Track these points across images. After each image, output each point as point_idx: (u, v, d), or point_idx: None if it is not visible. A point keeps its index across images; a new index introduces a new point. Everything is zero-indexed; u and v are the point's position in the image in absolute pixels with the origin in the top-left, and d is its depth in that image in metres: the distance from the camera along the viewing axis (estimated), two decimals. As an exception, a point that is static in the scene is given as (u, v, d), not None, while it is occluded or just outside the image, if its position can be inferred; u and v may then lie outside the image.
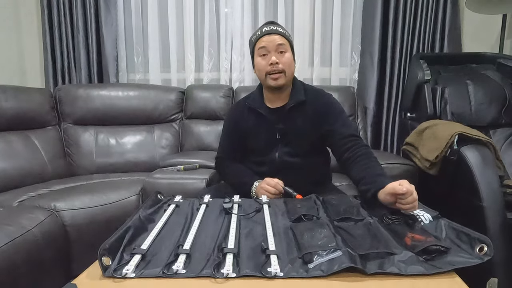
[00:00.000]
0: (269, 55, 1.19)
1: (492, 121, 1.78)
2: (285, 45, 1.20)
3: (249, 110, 1.31)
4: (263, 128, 1.27)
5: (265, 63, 1.20)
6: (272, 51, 1.19)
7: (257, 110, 1.27)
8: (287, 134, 1.25)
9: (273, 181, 1.19)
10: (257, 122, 1.28)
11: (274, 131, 1.26)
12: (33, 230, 1.20)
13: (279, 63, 1.18)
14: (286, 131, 1.25)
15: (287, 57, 1.20)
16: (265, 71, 1.20)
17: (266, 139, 1.27)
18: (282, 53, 1.20)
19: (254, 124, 1.29)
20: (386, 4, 2.16)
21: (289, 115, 1.25)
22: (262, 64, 1.21)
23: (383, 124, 2.27)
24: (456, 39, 2.15)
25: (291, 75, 1.24)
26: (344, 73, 2.37)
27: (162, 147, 2.15)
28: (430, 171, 1.48)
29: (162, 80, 2.45)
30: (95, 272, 0.71)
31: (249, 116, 1.30)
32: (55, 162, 1.96)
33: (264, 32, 1.21)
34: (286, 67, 1.20)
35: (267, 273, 0.68)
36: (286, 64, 1.20)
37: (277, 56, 1.19)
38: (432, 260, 0.71)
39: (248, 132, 1.30)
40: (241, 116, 1.33)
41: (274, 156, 1.27)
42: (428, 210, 0.95)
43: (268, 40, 1.19)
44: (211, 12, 2.34)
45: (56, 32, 2.34)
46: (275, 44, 1.18)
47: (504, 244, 1.17)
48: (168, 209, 1.03)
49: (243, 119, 1.31)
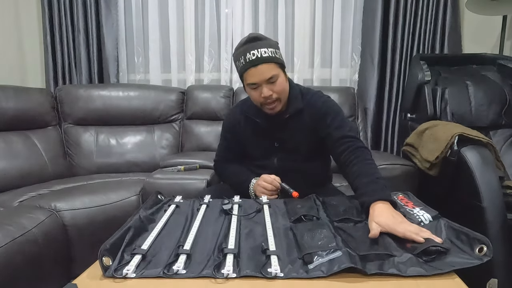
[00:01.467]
0: (260, 87, 1.13)
1: (492, 122, 1.78)
2: (275, 75, 1.12)
3: (246, 119, 1.28)
4: (260, 137, 1.26)
5: (258, 95, 1.14)
6: (263, 83, 1.12)
7: (254, 120, 1.25)
8: (285, 142, 1.24)
9: (270, 177, 1.19)
10: (255, 130, 1.26)
11: (272, 140, 1.25)
12: (33, 230, 1.20)
13: (272, 94, 1.13)
14: (284, 140, 1.24)
15: (279, 83, 1.13)
16: (259, 102, 1.17)
17: (264, 147, 1.27)
18: (273, 83, 1.12)
19: (251, 133, 1.27)
20: (386, 5, 2.16)
21: (287, 124, 1.22)
22: (255, 96, 1.16)
23: (383, 124, 2.27)
24: (456, 40, 2.16)
25: (286, 97, 1.20)
26: (345, 74, 2.37)
27: (162, 147, 2.15)
28: (430, 172, 1.48)
29: (163, 81, 2.45)
30: (96, 272, 0.71)
31: (246, 125, 1.28)
32: (56, 162, 1.96)
33: (249, 63, 1.11)
34: (280, 94, 1.15)
35: (267, 274, 0.69)
36: (280, 92, 1.14)
37: (269, 87, 1.12)
38: (432, 261, 0.71)
39: (246, 140, 1.29)
40: (238, 124, 1.30)
41: (273, 162, 1.26)
42: (428, 209, 0.95)
43: (256, 74, 1.11)
44: (211, 12, 2.34)
45: (57, 32, 2.35)
46: (265, 77, 1.11)
47: (504, 245, 1.17)
48: (168, 209, 1.03)
49: (240, 127, 1.30)
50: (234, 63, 1.20)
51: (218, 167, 1.43)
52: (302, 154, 1.25)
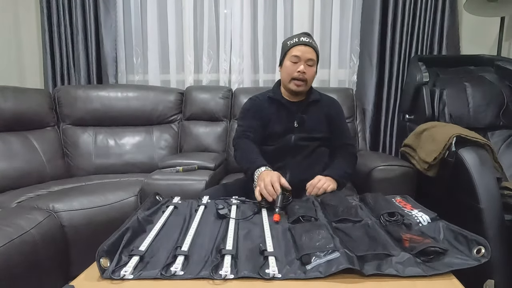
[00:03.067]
0: (299, 63, 1.35)
1: (490, 123, 1.78)
2: (314, 61, 1.38)
3: (270, 100, 1.45)
4: (282, 116, 1.42)
5: (294, 69, 1.36)
6: (303, 61, 1.35)
7: (278, 100, 1.44)
8: (304, 123, 1.41)
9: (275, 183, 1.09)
10: (278, 110, 1.43)
11: (293, 119, 1.41)
12: (31, 231, 1.20)
13: (305, 73, 1.35)
14: (304, 120, 1.41)
15: (313, 70, 1.39)
16: (291, 76, 1.37)
17: (284, 125, 1.41)
18: (310, 66, 1.37)
19: (274, 112, 1.43)
20: (384, 6, 2.17)
21: (307, 108, 1.43)
22: (291, 69, 1.37)
23: (382, 125, 2.27)
24: (454, 41, 2.16)
25: (310, 85, 1.43)
26: (343, 75, 2.37)
27: (161, 148, 2.15)
28: (428, 173, 1.48)
29: (161, 81, 2.45)
30: (93, 273, 0.71)
31: (270, 105, 1.45)
32: (54, 163, 1.96)
33: (301, 42, 1.36)
34: (309, 79, 1.38)
35: (265, 275, 0.69)
36: (310, 76, 1.38)
37: (305, 67, 1.35)
38: (430, 261, 0.72)
39: (269, 118, 1.42)
40: (262, 105, 1.46)
41: (290, 140, 1.40)
42: (427, 211, 0.95)
43: (303, 51, 1.35)
44: (210, 13, 2.34)
45: (56, 33, 2.34)
46: (308, 57, 1.35)
47: (501, 246, 1.17)
48: (166, 210, 1.03)
49: (265, 107, 1.45)
50: (283, 46, 1.44)
51: (237, 142, 1.42)
52: (316, 138, 1.41)
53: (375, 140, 2.29)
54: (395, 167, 1.57)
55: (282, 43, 1.45)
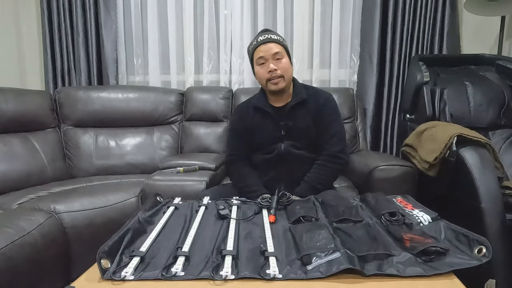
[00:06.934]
0: (267, 63, 1.29)
1: (491, 123, 1.78)
2: (281, 52, 1.30)
3: (254, 109, 1.40)
4: (268, 125, 1.36)
5: (264, 71, 1.30)
6: (269, 59, 1.29)
7: (262, 109, 1.37)
8: (291, 130, 1.34)
9: None
10: (263, 119, 1.37)
11: (279, 128, 1.35)
12: (32, 233, 1.20)
13: (277, 70, 1.28)
14: (290, 128, 1.34)
15: (284, 62, 1.30)
16: (265, 79, 1.31)
17: (271, 135, 1.36)
18: (279, 60, 1.30)
19: (259, 122, 1.38)
20: (385, 5, 2.16)
21: (293, 113, 1.34)
22: (261, 72, 1.32)
23: (383, 125, 2.27)
24: (455, 40, 2.16)
25: (289, 77, 1.34)
26: (344, 75, 2.37)
27: (161, 149, 2.15)
28: (429, 172, 1.48)
29: (162, 82, 2.45)
30: (94, 274, 0.71)
31: (254, 115, 1.39)
32: (55, 164, 1.96)
33: (260, 42, 1.31)
34: (284, 72, 1.30)
35: (266, 275, 0.69)
36: (284, 69, 1.30)
37: (274, 63, 1.29)
38: (431, 261, 0.71)
39: (254, 129, 1.38)
40: (246, 115, 1.41)
41: (280, 148, 1.35)
42: (428, 211, 0.95)
43: (264, 50, 1.29)
44: (210, 14, 2.34)
45: (56, 34, 2.34)
46: (271, 53, 1.29)
47: (502, 246, 1.17)
48: (167, 211, 1.03)
49: (249, 117, 1.40)
50: (248, 53, 1.40)
51: (231, 165, 1.43)
52: (306, 142, 1.35)
53: (375, 140, 2.29)
54: (396, 167, 1.57)
55: (247, 51, 1.41)
